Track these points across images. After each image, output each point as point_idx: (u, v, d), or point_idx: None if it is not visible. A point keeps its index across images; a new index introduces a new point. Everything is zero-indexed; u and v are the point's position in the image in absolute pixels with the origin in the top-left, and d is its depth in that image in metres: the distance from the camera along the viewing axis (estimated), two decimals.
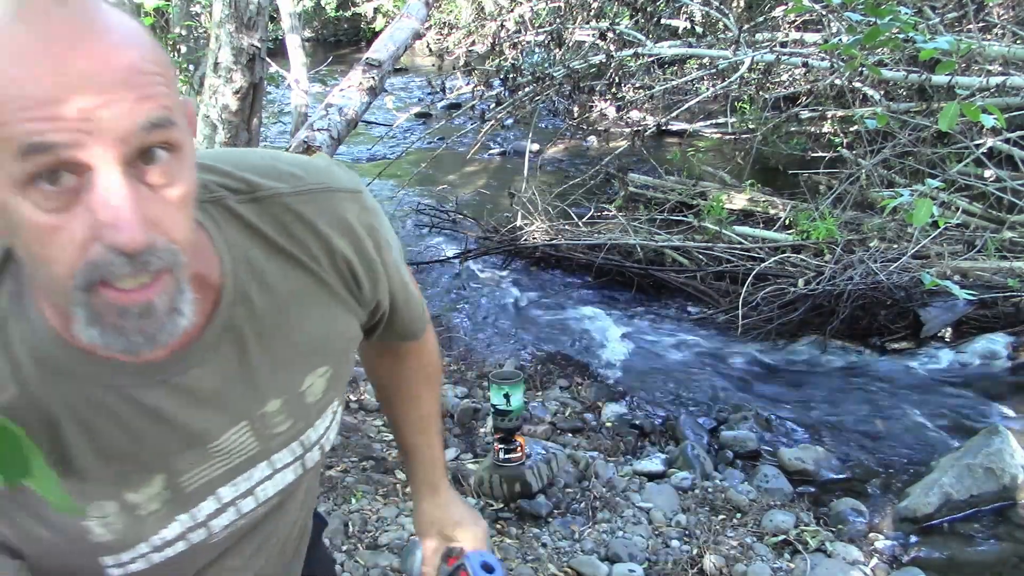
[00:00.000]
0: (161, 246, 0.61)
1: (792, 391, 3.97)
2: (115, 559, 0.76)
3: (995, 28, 5.67)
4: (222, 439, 0.78)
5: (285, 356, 0.80)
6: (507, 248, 5.45)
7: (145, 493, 0.75)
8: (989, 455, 3.00)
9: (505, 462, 2.72)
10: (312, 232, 0.79)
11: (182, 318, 0.64)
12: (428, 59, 8.21)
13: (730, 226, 5.30)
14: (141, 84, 0.59)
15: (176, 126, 0.61)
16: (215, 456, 0.78)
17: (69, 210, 0.58)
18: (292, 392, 0.82)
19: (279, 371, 0.80)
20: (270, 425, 0.81)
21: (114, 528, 0.74)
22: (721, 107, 7.02)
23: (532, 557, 2.46)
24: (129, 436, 0.72)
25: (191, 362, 0.73)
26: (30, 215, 0.58)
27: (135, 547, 0.76)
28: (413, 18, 5.58)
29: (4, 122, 0.56)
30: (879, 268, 4.33)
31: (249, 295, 0.76)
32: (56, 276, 0.60)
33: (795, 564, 2.56)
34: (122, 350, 0.64)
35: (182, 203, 0.63)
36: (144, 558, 0.78)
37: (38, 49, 0.56)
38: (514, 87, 6.09)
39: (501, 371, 3.15)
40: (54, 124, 0.56)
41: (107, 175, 0.58)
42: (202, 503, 0.79)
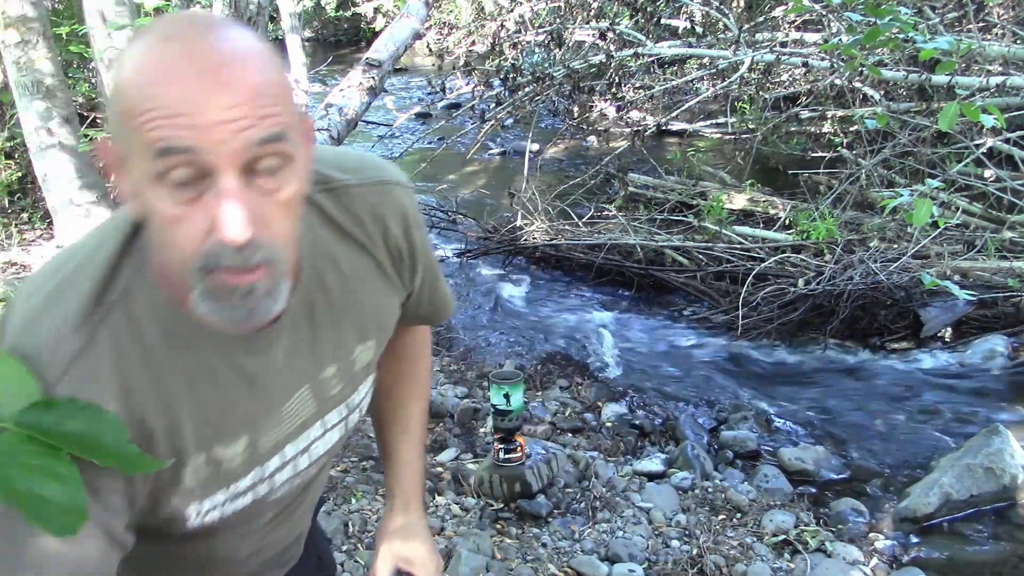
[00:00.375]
0: (264, 243, 0.71)
1: (792, 391, 3.97)
2: (197, 508, 0.86)
3: (995, 28, 5.67)
4: (291, 401, 0.89)
5: (345, 329, 0.92)
6: (507, 248, 5.45)
7: (231, 450, 0.85)
8: (989, 455, 2.99)
9: (505, 462, 2.72)
10: (373, 218, 0.91)
11: (276, 303, 0.75)
12: (428, 59, 8.21)
13: (730, 226, 5.30)
14: (263, 105, 0.69)
15: (288, 141, 0.71)
16: (285, 417, 0.90)
17: (192, 205, 0.69)
18: (345, 360, 0.94)
19: (338, 342, 0.92)
20: (326, 388, 0.93)
21: (201, 477, 0.84)
22: (721, 107, 7.02)
23: (532, 557, 2.46)
24: (228, 399, 0.83)
25: (280, 333, 0.85)
26: (160, 205, 0.70)
27: (214, 496, 0.87)
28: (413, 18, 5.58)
29: (147, 125, 0.67)
30: (879, 268, 4.33)
31: (323, 276, 0.88)
32: (179, 258, 0.72)
33: (795, 564, 2.56)
34: (226, 321, 0.74)
35: (288, 206, 0.74)
36: (219, 509, 0.88)
37: (185, 68, 0.68)
38: (514, 87, 6.08)
39: (501, 371, 3.15)
40: (189, 132, 0.67)
41: (226, 179, 0.69)
42: (271, 460, 0.90)
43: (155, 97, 0.67)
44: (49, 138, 4.48)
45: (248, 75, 0.70)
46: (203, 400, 0.82)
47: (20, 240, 4.76)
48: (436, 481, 2.84)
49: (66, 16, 5.69)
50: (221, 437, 0.84)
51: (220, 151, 0.68)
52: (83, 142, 4.54)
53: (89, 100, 5.71)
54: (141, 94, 0.68)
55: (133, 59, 0.70)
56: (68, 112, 4.57)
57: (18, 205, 5.19)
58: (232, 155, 0.68)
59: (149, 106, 0.67)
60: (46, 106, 4.48)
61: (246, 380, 0.84)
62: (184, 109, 0.67)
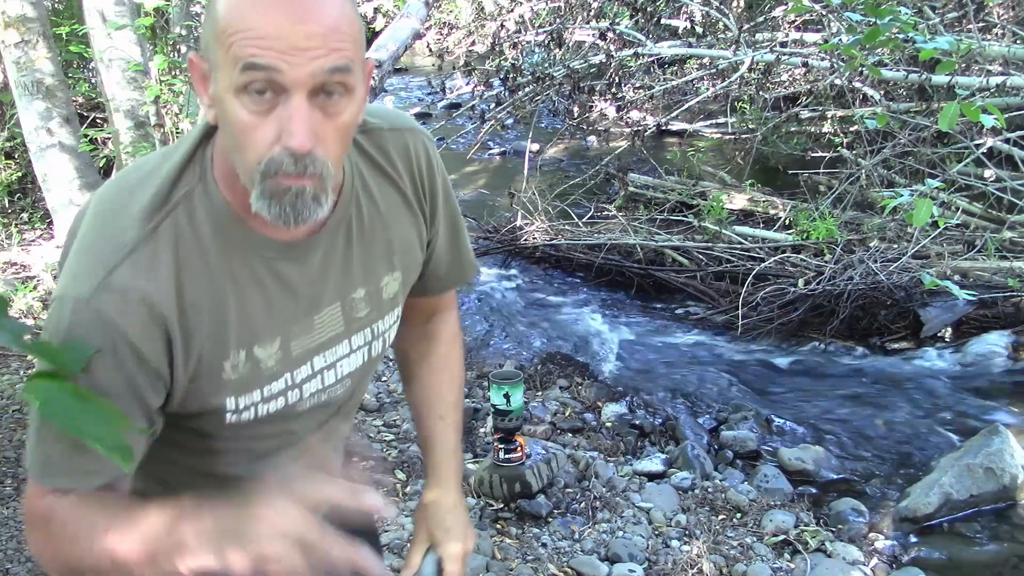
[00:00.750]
0: (319, 156, 0.82)
1: (792, 391, 3.97)
2: (234, 403, 0.95)
3: (995, 28, 5.67)
4: (323, 313, 0.99)
5: (374, 254, 1.02)
6: (507, 248, 5.45)
7: (267, 350, 0.95)
8: (989, 455, 2.99)
9: (505, 462, 2.72)
10: (402, 156, 1.04)
11: (321, 208, 0.86)
12: (428, 59, 8.21)
13: (730, 226, 5.30)
14: (335, 39, 0.80)
15: (352, 73, 0.83)
16: (316, 329, 0.99)
17: (265, 116, 0.81)
18: (374, 285, 1.03)
19: (368, 265, 1.02)
20: (355, 309, 1.02)
21: (240, 372, 0.93)
22: (721, 107, 7.02)
23: (532, 557, 2.46)
24: (267, 300, 0.93)
25: (318, 244, 0.95)
26: (238, 113, 0.81)
27: (251, 393, 0.95)
28: (413, 18, 5.58)
29: (236, 43, 0.79)
30: (879, 268, 4.33)
31: (359, 199, 0.99)
32: (248, 160, 0.83)
33: (795, 564, 2.56)
34: (276, 217, 0.84)
35: (344, 130, 0.85)
36: (254, 407, 0.97)
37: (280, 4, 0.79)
38: (514, 87, 6.08)
39: (501, 371, 3.15)
40: (271, 52, 0.78)
41: (296, 98, 0.80)
42: (301, 367, 0.99)
43: (246, 19, 0.79)
44: (49, 138, 4.48)
45: (327, 11, 0.81)
46: (247, 299, 0.92)
47: (20, 240, 4.76)
48: None
49: (66, 16, 5.69)
50: (259, 336, 0.94)
51: (295, 73, 0.79)
52: (83, 142, 4.54)
53: (89, 100, 5.70)
54: (235, 16, 0.80)
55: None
56: (68, 112, 4.57)
57: (18, 205, 5.19)
58: (305, 77, 0.79)
59: (241, 27, 0.79)
60: (46, 106, 4.48)
61: (284, 285, 0.94)
62: (270, 32, 0.78)
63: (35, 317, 3.85)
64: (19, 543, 2.35)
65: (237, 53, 0.79)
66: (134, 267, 0.85)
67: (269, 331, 0.94)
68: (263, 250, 0.92)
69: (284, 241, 0.93)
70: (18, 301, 3.93)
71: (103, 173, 5.10)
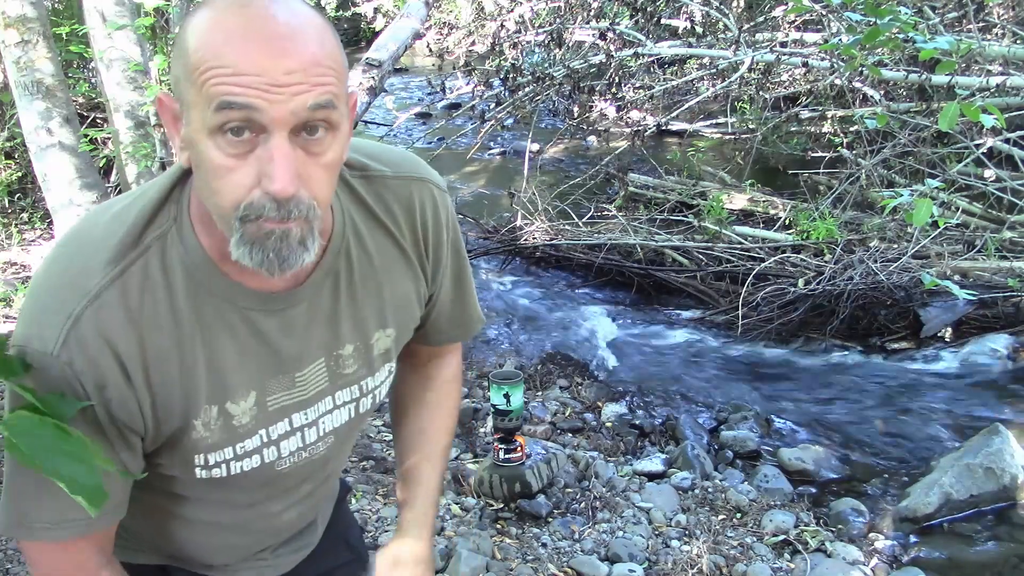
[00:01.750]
0: (304, 199, 0.77)
1: (792, 391, 3.97)
2: (203, 459, 0.90)
3: (995, 28, 5.67)
4: (305, 371, 0.93)
5: (365, 308, 0.96)
6: (507, 248, 5.45)
7: (241, 406, 0.90)
8: (989, 455, 2.99)
9: (505, 462, 2.72)
10: (404, 209, 0.97)
11: (308, 253, 0.80)
12: (428, 59, 8.21)
13: (730, 226, 5.30)
14: (317, 73, 0.75)
15: (336, 110, 0.77)
16: (296, 385, 0.93)
17: (243, 158, 0.75)
18: (364, 341, 0.97)
19: (358, 320, 0.95)
20: (341, 365, 0.96)
21: (211, 430, 0.89)
22: (721, 107, 7.02)
23: (532, 557, 2.46)
24: (241, 353, 0.88)
25: (300, 296, 0.89)
26: (213, 155, 0.75)
27: (222, 449, 0.91)
28: (413, 18, 5.58)
29: (210, 81, 0.73)
30: (879, 268, 4.33)
31: (350, 250, 0.93)
32: (223, 205, 0.77)
33: (795, 564, 2.56)
34: (259, 264, 0.78)
35: (329, 170, 0.79)
36: (226, 464, 0.92)
37: (252, 31, 0.74)
38: (514, 87, 6.08)
39: (501, 371, 3.15)
40: (249, 91, 0.72)
41: (277, 138, 0.74)
42: (278, 423, 0.93)
43: (220, 55, 0.73)
44: (49, 138, 4.48)
45: (309, 45, 0.76)
46: (220, 352, 0.87)
47: (20, 240, 4.76)
48: None
49: (66, 16, 5.69)
50: (233, 392, 0.89)
51: (275, 111, 0.73)
52: (83, 142, 4.53)
53: (89, 100, 5.70)
54: (208, 51, 0.74)
55: (204, 20, 0.76)
56: (68, 112, 4.56)
57: (18, 205, 5.19)
58: (286, 115, 0.74)
59: (214, 63, 0.73)
60: (46, 106, 4.48)
61: (262, 339, 0.89)
62: (247, 69, 0.73)
63: None
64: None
65: (211, 91, 0.73)
66: (98, 315, 0.80)
67: (244, 386, 0.89)
68: (240, 300, 0.86)
69: (264, 292, 0.87)
70: (18, 301, 3.93)
71: (103, 173, 5.10)
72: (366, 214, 0.95)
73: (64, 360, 0.79)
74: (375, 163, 0.96)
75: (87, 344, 0.80)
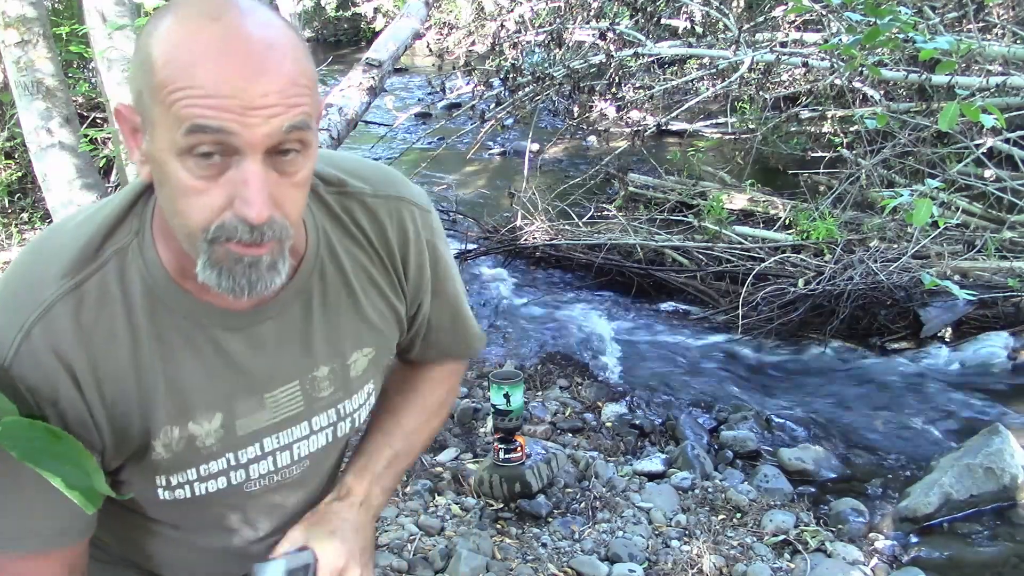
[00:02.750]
0: (278, 221, 0.75)
1: (792, 391, 3.97)
2: (165, 480, 0.88)
3: (995, 28, 5.67)
4: (276, 392, 0.90)
5: (340, 329, 0.92)
6: (507, 248, 5.45)
7: (205, 427, 0.86)
8: (989, 455, 2.99)
9: (505, 462, 2.72)
10: (379, 229, 0.93)
11: (278, 276, 0.78)
12: (428, 59, 8.21)
13: (730, 226, 5.30)
14: (292, 94, 0.72)
15: (310, 130, 0.75)
16: (267, 407, 0.90)
17: (213, 180, 0.72)
18: (340, 363, 0.93)
19: (333, 341, 0.92)
20: (316, 388, 0.93)
21: (173, 451, 0.85)
22: (721, 107, 7.02)
23: (532, 557, 2.46)
24: (204, 373, 0.85)
25: (267, 314, 0.86)
26: (182, 177, 0.72)
27: (185, 471, 0.88)
28: (413, 18, 5.58)
29: (180, 102, 0.69)
30: (879, 268, 4.33)
31: (324, 268, 0.90)
32: (190, 227, 0.74)
33: (795, 564, 2.56)
34: (228, 290, 0.76)
35: (301, 188, 0.77)
36: (189, 485, 0.89)
37: (224, 50, 0.70)
38: (514, 87, 6.08)
39: (501, 371, 3.15)
40: (223, 114, 0.69)
41: (251, 162, 0.72)
42: (248, 447, 0.90)
43: (192, 75, 0.70)
44: (49, 138, 4.48)
45: (284, 63, 0.72)
46: (180, 370, 0.84)
47: (20, 240, 4.76)
48: (436, 481, 2.84)
49: (66, 16, 5.69)
50: (194, 412, 0.85)
51: (249, 134, 0.71)
52: (83, 142, 4.53)
53: (89, 100, 5.70)
54: (176, 71, 0.70)
55: (171, 33, 0.72)
56: (68, 112, 4.56)
57: (18, 205, 5.19)
58: (261, 139, 0.71)
59: (184, 83, 0.70)
60: (46, 106, 4.48)
61: (226, 358, 0.86)
62: (220, 91, 0.69)
63: None
64: None
65: (180, 113, 0.70)
66: (49, 328, 0.77)
67: (207, 406, 0.86)
68: (202, 318, 0.84)
69: (226, 309, 0.84)
70: None
71: (103, 173, 5.10)
72: (342, 232, 0.92)
73: (15, 373, 0.77)
74: (353, 179, 0.93)
75: (38, 357, 0.78)
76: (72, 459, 0.73)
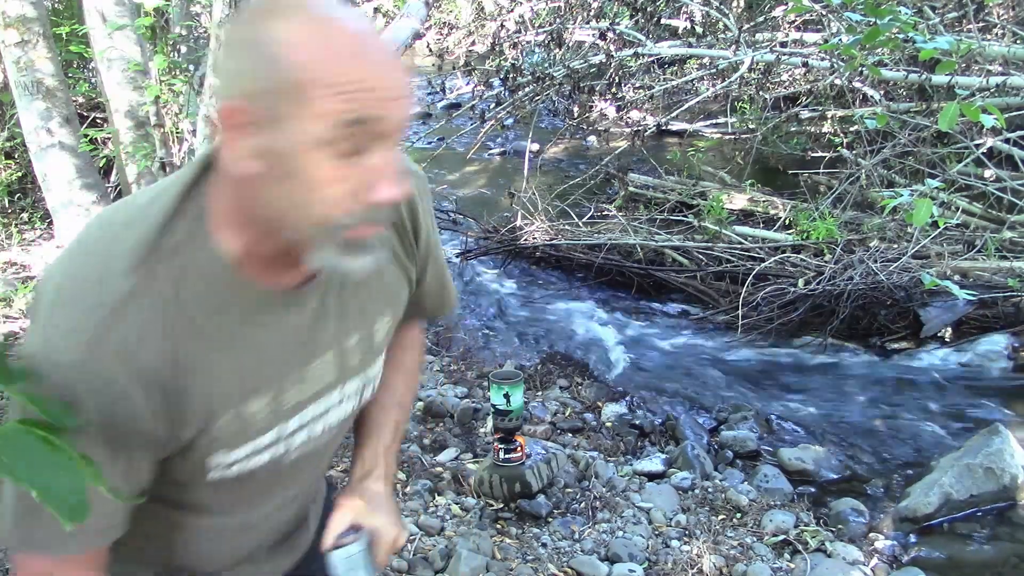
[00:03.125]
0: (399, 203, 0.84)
1: (792, 391, 3.97)
2: (218, 461, 0.90)
3: (995, 28, 5.68)
4: (315, 363, 0.94)
5: (368, 298, 0.98)
6: (507, 248, 5.45)
7: (256, 405, 0.90)
8: (989, 455, 3.00)
9: (505, 462, 2.72)
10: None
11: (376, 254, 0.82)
12: (428, 59, 8.21)
13: (730, 226, 5.30)
14: (411, 90, 0.79)
15: None
16: (307, 380, 0.94)
17: (350, 169, 0.76)
18: (367, 330, 0.99)
19: (364, 309, 0.98)
20: (348, 357, 0.98)
21: (228, 431, 0.89)
22: (721, 107, 7.02)
23: (532, 557, 2.46)
24: (260, 354, 0.88)
25: (313, 291, 0.90)
26: (319, 167, 0.75)
27: (239, 449, 0.91)
28: (413, 18, 5.58)
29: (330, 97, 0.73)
30: (879, 268, 4.33)
31: None
32: (324, 215, 0.78)
33: (795, 564, 2.56)
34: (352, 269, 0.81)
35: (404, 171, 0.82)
36: (238, 464, 0.92)
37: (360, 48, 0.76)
38: (514, 87, 6.08)
39: (501, 371, 3.15)
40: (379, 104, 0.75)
41: (389, 150, 0.77)
42: (290, 420, 0.94)
43: (341, 73, 0.74)
44: (49, 138, 4.48)
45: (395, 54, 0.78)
46: (239, 355, 0.86)
47: (20, 240, 4.76)
48: (436, 481, 2.84)
49: (66, 16, 5.69)
50: (251, 391, 0.89)
51: (394, 121, 0.76)
52: (83, 142, 4.53)
53: (89, 100, 5.70)
54: (323, 69, 0.73)
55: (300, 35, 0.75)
56: (68, 112, 4.57)
57: (18, 205, 5.19)
58: (400, 124, 0.77)
59: (333, 80, 0.73)
60: (46, 106, 4.48)
61: (280, 337, 0.89)
62: (370, 84, 0.74)
63: None
64: None
65: (331, 107, 0.73)
66: (121, 326, 0.78)
67: (263, 385, 0.90)
68: (260, 300, 0.86)
69: (280, 290, 0.88)
70: (18, 301, 3.93)
71: (103, 173, 5.10)
72: None
73: (88, 369, 0.77)
74: None
75: (104, 358, 0.78)
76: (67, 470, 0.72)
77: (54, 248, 4.55)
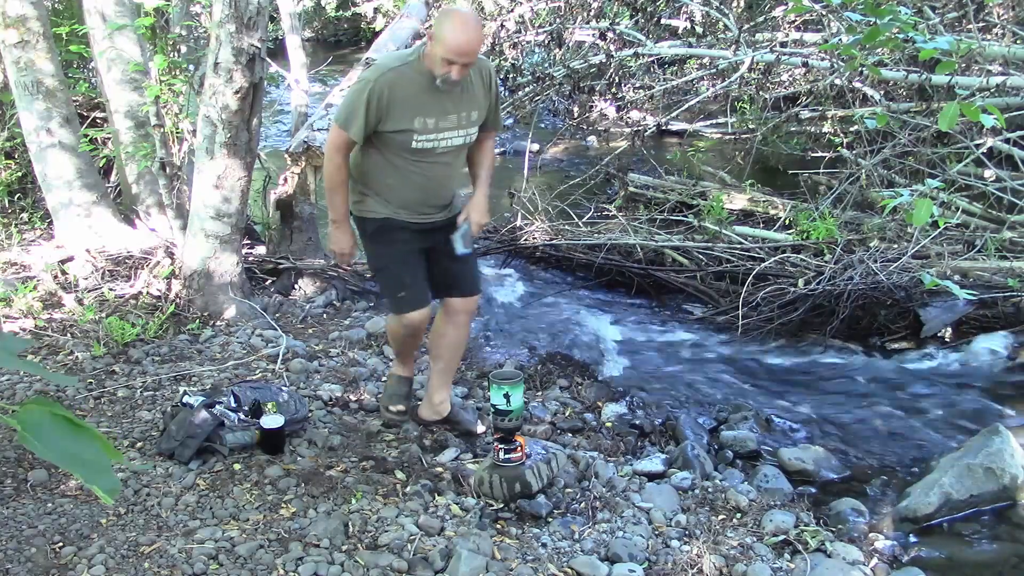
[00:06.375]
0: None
1: (792, 391, 3.97)
2: (415, 137, 2.75)
3: (995, 28, 5.68)
4: (451, 115, 2.77)
5: (472, 99, 2.80)
6: (507, 248, 5.45)
7: (427, 120, 2.74)
8: (989, 455, 3.00)
9: (505, 462, 2.72)
10: (484, 67, 2.87)
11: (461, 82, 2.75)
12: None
13: (730, 226, 5.30)
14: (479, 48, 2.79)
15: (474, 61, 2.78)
16: (446, 119, 2.76)
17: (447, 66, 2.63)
18: (469, 111, 2.80)
19: (468, 102, 2.79)
20: (462, 120, 2.80)
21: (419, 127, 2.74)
22: (721, 107, 7.03)
23: (532, 557, 2.46)
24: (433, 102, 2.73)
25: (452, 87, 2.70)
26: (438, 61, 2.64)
27: (422, 135, 2.75)
28: (413, 18, 5.59)
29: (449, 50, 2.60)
30: (879, 268, 4.34)
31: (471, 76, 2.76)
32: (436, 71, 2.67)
33: (795, 564, 2.56)
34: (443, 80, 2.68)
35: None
36: (421, 142, 2.76)
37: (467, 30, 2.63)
38: (514, 87, 6.09)
39: (501, 371, 3.15)
40: (455, 56, 2.61)
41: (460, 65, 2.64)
42: (439, 133, 2.78)
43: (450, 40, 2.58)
44: (49, 138, 4.48)
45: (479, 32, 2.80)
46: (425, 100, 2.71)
47: (20, 240, 4.75)
48: (436, 481, 2.84)
49: (66, 16, 5.69)
50: (424, 115, 2.72)
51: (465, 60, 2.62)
52: (83, 142, 4.53)
53: (89, 100, 5.69)
54: (445, 36, 2.58)
55: (448, 25, 2.60)
56: (68, 112, 4.57)
57: (18, 205, 5.18)
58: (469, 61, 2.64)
59: (447, 43, 2.58)
60: (46, 106, 4.48)
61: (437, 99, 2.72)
62: (460, 47, 2.59)
63: (35, 317, 3.84)
64: (19, 543, 2.34)
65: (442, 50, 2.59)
66: (387, 75, 2.68)
67: (427, 115, 2.71)
68: (431, 85, 2.67)
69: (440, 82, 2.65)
70: (18, 301, 3.93)
71: (103, 173, 5.10)
72: (475, 68, 2.74)
73: (371, 85, 2.66)
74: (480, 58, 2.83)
75: (379, 83, 2.66)
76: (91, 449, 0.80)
77: (54, 248, 4.54)
